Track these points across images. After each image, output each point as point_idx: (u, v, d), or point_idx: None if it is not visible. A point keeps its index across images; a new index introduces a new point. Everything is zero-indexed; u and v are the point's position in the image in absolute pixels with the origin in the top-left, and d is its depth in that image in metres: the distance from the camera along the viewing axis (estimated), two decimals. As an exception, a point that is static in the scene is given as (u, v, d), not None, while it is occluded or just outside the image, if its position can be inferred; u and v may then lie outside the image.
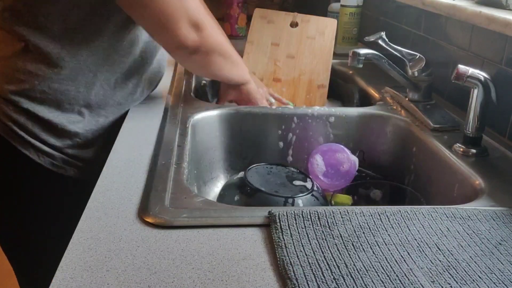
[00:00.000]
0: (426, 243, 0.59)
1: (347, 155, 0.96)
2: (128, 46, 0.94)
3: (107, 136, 0.97)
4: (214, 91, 1.36)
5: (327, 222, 0.61)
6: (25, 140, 0.91)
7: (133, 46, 0.95)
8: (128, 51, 0.94)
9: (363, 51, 0.98)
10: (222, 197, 0.88)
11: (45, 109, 0.91)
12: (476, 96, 0.84)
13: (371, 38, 1.06)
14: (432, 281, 0.52)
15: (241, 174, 0.88)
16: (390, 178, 0.99)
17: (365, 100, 1.24)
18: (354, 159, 0.95)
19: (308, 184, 0.87)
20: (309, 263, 0.54)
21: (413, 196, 0.88)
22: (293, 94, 1.19)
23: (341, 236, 0.59)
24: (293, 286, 0.50)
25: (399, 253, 0.57)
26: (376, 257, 0.56)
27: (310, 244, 0.57)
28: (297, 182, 0.88)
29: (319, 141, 1.05)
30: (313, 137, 1.05)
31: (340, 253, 0.56)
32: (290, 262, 0.54)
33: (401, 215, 0.64)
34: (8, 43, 0.89)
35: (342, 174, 0.95)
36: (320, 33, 1.26)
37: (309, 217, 0.62)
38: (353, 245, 0.58)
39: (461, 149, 0.86)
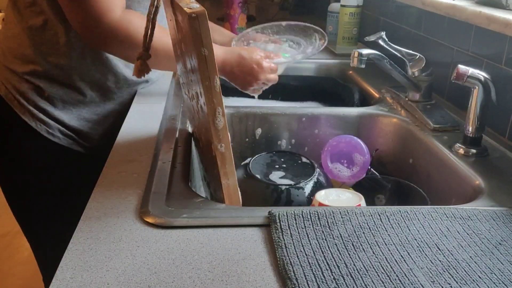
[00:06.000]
0: (426, 243, 0.59)
1: (350, 139, 0.96)
2: None
3: (106, 114, 1.06)
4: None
5: (327, 222, 0.61)
6: (24, 107, 0.99)
7: None
8: None
9: (366, 51, 0.98)
10: None
11: (51, 84, 0.99)
12: (476, 96, 0.84)
13: (371, 38, 1.05)
14: (432, 281, 0.52)
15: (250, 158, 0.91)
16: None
17: (365, 100, 1.24)
18: (361, 143, 0.95)
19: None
20: (309, 263, 0.54)
21: (417, 192, 0.88)
22: None
23: (341, 236, 0.59)
24: (293, 286, 0.50)
25: (399, 253, 0.57)
26: (376, 257, 0.56)
27: (310, 244, 0.57)
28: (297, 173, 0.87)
29: (319, 141, 1.05)
30: (314, 136, 1.05)
31: (340, 253, 0.56)
32: (290, 262, 0.54)
33: (401, 215, 0.64)
34: (17, 23, 0.97)
35: (357, 159, 0.95)
36: None
37: (309, 217, 0.62)
38: (353, 245, 0.58)
39: (461, 149, 0.86)
